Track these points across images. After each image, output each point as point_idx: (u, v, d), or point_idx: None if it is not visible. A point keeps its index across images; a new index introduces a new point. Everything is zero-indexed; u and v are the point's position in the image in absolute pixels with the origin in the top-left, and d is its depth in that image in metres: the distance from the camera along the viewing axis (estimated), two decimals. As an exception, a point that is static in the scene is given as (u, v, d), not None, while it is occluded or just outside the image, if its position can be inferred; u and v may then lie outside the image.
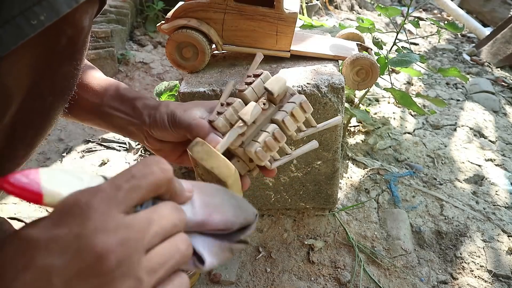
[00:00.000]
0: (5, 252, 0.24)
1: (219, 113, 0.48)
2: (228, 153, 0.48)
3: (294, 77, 0.81)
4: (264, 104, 0.47)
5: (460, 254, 0.94)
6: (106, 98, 0.61)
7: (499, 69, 2.05)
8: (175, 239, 0.29)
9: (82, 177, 0.29)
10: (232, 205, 0.37)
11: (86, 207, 0.25)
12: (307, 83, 0.79)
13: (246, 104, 0.48)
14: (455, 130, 1.44)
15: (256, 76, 0.48)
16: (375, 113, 1.48)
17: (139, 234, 0.26)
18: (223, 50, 0.83)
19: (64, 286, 0.23)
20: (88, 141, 1.26)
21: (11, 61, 0.38)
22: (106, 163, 1.15)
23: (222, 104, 0.50)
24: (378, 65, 0.87)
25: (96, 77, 0.64)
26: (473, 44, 2.38)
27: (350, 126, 1.37)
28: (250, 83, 0.48)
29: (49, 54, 0.42)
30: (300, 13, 1.39)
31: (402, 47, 1.18)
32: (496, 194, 1.13)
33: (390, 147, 1.29)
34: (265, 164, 0.46)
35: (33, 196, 0.26)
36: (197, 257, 0.33)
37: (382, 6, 1.15)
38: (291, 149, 0.50)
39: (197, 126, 0.50)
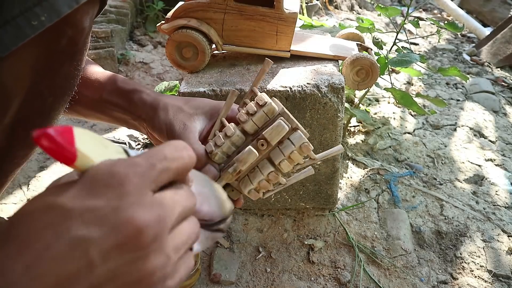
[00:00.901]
0: (33, 219, 0.23)
1: (216, 145, 0.48)
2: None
3: (294, 77, 0.81)
4: (262, 145, 0.46)
5: (460, 254, 0.94)
6: (105, 93, 0.61)
7: (499, 69, 2.05)
8: (190, 221, 0.30)
9: (107, 145, 0.28)
10: (216, 197, 0.39)
11: (124, 180, 0.25)
12: (307, 83, 0.79)
13: (243, 133, 0.48)
14: (455, 130, 1.44)
15: (259, 106, 0.47)
16: (375, 113, 1.48)
17: (169, 213, 0.26)
18: (223, 50, 0.83)
19: (101, 259, 0.23)
20: (88, 141, 1.26)
21: (12, 62, 0.38)
22: (106, 163, 1.15)
23: (222, 124, 0.49)
24: (378, 65, 0.87)
25: (94, 72, 0.63)
26: (473, 44, 2.38)
27: (350, 126, 1.37)
28: (252, 114, 0.47)
29: (50, 54, 0.42)
30: (300, 13, 1.39)
31: (402, 47, 1.18)
32: (496, 194, 1.13)
33: (390, 147, 1.29)
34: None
35: (67, 157, 0.24)
36: None
37: (382, 6, 1.15)
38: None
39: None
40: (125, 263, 0.24)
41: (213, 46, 0.83)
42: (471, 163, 1.25)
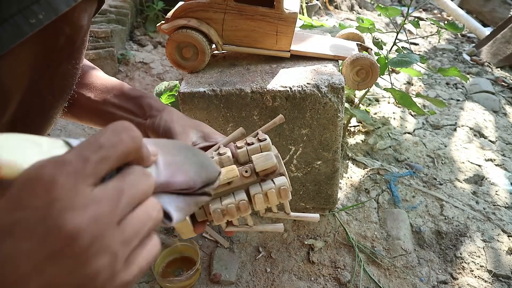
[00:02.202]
0: None
1: None
2: None
3: (294, 77, 0.81)
4: (246, 171, 0.47)
5: (460, 254, 0.94)
6: (110, 96, 0.62)
7: (499, 69, 2.05)
8: (146, 205, 0.28)
9: (40, 142, 0.26)
10: (194, 163, 0.37)
11: (50, 184, 0.23)
12: (307, 83, 0.79)
13: (234, 161, 0.49)
14: (455, 130, 1.44)
15: (258, 140, 0.48)
16: (375, 113, 1.48)
17: (110, 207, 0.25)
18: (223, 50, 0.83)
19: (34, 270, 0.22)
20: (88, 141, 1.26)
21: (10, 60, 0.38)
22: (106, 163, 1.15)
23: (218, 148, 0.51)
24: (378, 65, 0.87)
25: (99, 77, 0.65)
26: (473, 44, 2.38)
27: (350, 126, 1.37)
28: (249, 144, 0.48)
29: (48, 53, 0.42)
30: (300, 13, 1.39)
31: (402, 47, 1.18)
32: (496, 194, 1.13)
33: (390, 147, 1.29)
34: (220, 224, 0.48)
35: None
36: (165, 215, 0.33)
37: (382, 6, 1.15)
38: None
39: None
40: (62, 272, 0.23)
41: (213, 46, 0.83)
42: (471, 163, 1.25)
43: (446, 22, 1.15)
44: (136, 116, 0.60)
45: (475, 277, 0.90)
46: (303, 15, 1.87)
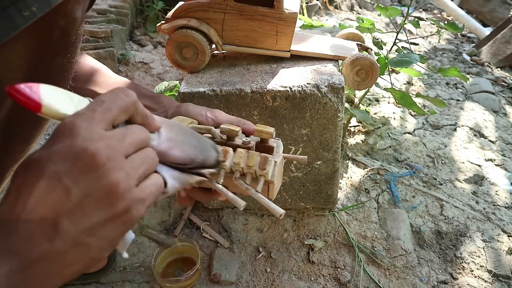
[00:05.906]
0: (17, 178, 0.31)
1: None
2: None
3: (294, 77, 0.81)
4: (247, 138, 0.51)
5: (460, 254, 0.94)
6: None
7: (499, 69, 2.05)
8: (146, 151, 0.36)
9: (73, 97, 0.35)
10: (194, 145, 0.43)
11: (71, 126, 0.31)
12: (307, 83, 0.79)
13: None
14: (455, 130, 1.44)
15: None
16: (375, 113, 1.48)
17: (118, 142, 0.33)
18: (223, 50, 0.83)
19: (73, 182, 0.30)
20: (88, 141, 1.26)
21: (5, 53, 0.38)
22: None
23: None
24: (378, 65, 0.87)
25: (113, 76, 0.66)
26: (473, 44, 2.38)
27: (350, 126, 1.37)
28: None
29: (43, 46, 0.41)
30: (300, 13, 1.39)
31: (402, 47, 1.18)
32: (496, 194, 1.13)
33: (390, 147, 1.29)
34: None
35: (34, 105, 0.31)
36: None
37: (382, 6, 1.15)
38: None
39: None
40: (91, 181, 0.31)
41: (213, 46, 0.83)
42: (471, 163, 1.25)
43: (446, 22, 1.15)
44: (155, 111, 0.61)
45: (475, 277, 0.90)
46: (303, 15, 1.87)
